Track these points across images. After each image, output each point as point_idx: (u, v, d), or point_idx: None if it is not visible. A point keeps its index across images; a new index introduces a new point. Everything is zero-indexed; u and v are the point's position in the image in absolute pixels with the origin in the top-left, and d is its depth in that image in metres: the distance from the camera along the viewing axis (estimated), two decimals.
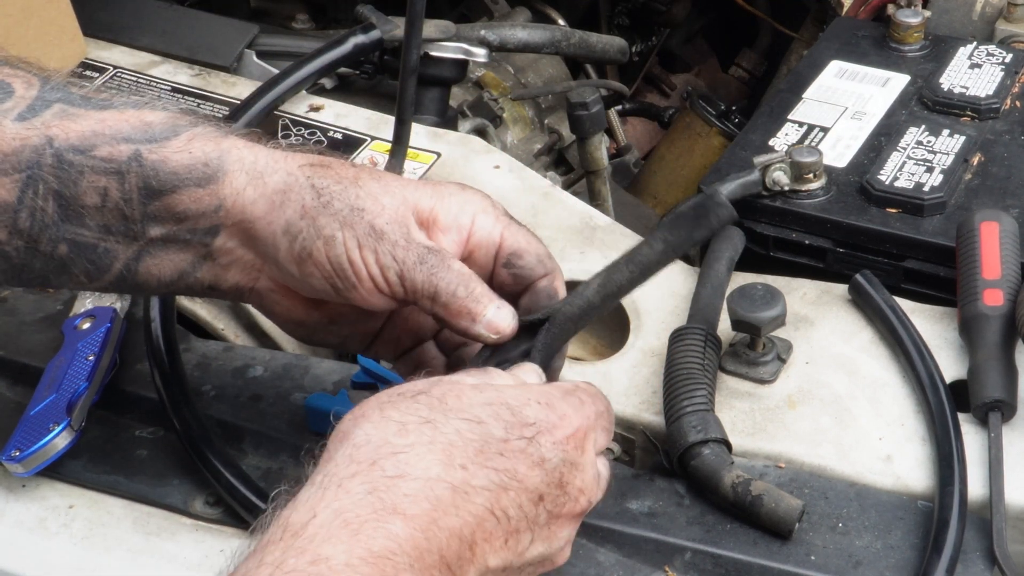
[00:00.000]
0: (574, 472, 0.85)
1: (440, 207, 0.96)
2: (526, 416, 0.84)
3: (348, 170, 0.96)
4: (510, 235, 0.98)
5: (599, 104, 1.63)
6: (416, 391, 0.83)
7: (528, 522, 0.83)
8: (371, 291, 0.93)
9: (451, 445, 0.80)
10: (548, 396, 0.87)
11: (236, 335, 1.41)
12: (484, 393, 0.84)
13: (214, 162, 0.94)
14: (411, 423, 0.80)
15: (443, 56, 1.58)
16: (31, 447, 1.09)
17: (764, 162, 1.35)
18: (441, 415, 0.81)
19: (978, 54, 1.57)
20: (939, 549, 1.00)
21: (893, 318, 1.21)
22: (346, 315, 1.00)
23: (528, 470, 0.82)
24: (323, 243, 0.92)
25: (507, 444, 0.82)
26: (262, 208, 0.94)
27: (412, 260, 0.93)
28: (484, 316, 0.94)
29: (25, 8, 1.49)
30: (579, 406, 0.88)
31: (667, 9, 2.32)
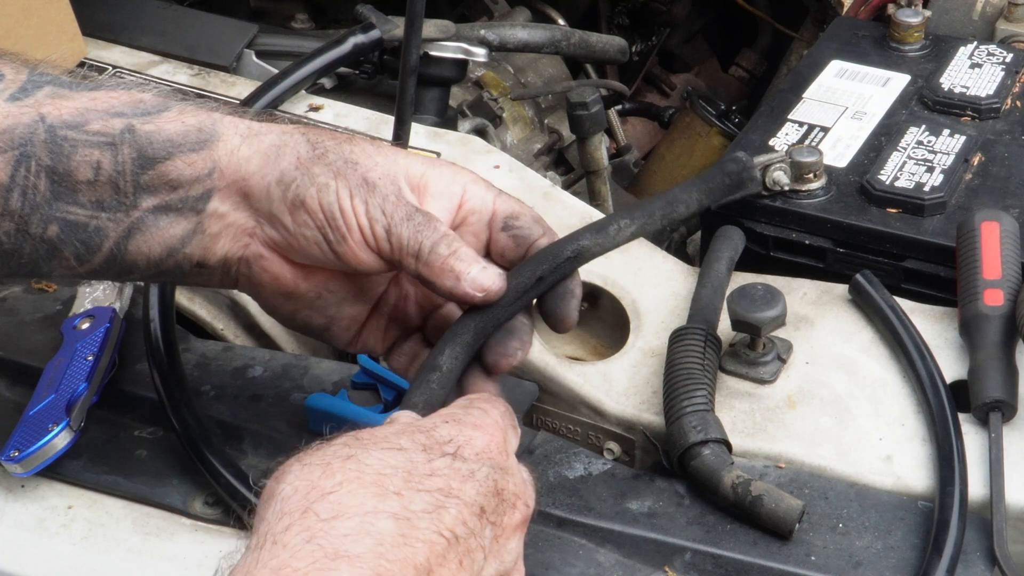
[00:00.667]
0: (506, 478, 0.83)
1: (431, 174, 0.97)
2: (441, 436, 0.82)
3: (341, 134, 0.98)
4: (502, 202, 0.99)
5: (599, 104, 1.63)
6: (331, 440, 0.81)
7: (477, 539, 0.79)
8: (359, 244, 0.93)
9: (379, 475, 0.77)
10: (451, 415, 0.85)
11: (236, 335, 1.41)
12: (394, 426, 0.83)
13: (208, 127, 0.94)
14: (335, 463, 0.77)
15: (443, 56, 1.58)
16: (30, 447, 1.09)
17: (764, 162, 1.35)
18: (361, 450, 0.78)
19: (978, 54, 1.57)
20: (939, 549, 1.00)
21: (893, 318, 1.21)
22: (334, 290, 0.99)
23: (461, 484, 0.79)
24: (317, 190, 0.92)
25: (432, 464, 0.79)
26: (256, 163, 0.94)
27: (400, 216, 0.92)
28: (468, 274, 0.93)
29: (25, 8, 1.49)
30: (484, 415, 0.86)
31: (667, 9, 2.32)
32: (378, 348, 1.05)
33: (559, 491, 1.09)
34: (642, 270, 1.32)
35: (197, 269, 0.97)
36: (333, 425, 1.12)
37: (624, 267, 1.32)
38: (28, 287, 1.33)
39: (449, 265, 0.93)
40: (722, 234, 1.32)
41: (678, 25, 2.36)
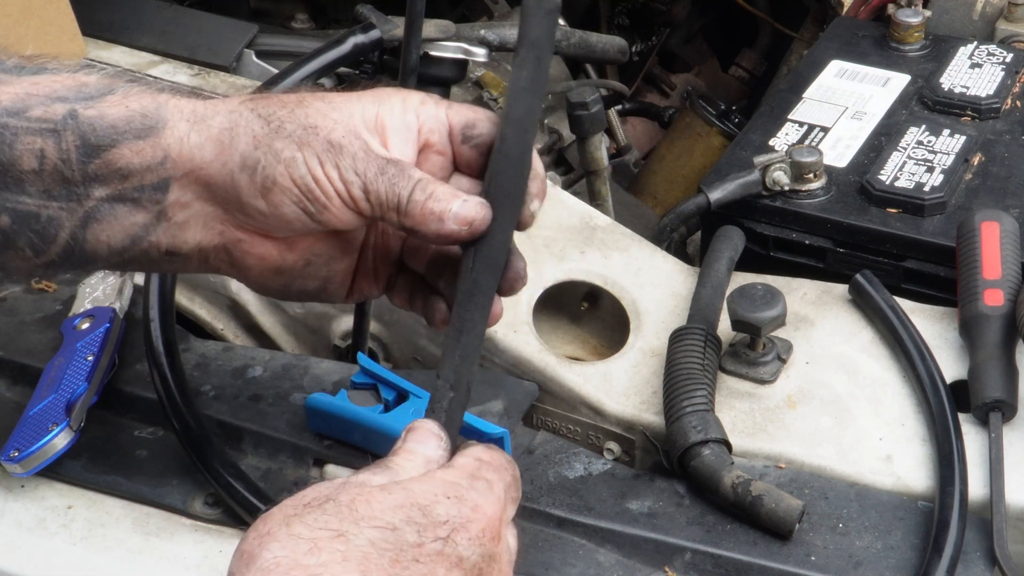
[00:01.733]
0: (492, 564, 0.81)
1: (383, 111, 0.94)
2: (438, 515, 0.79)
3: (289, 96, 0.94)
4: (455, 112, 0.96)
5: (599, 104, 1.63)
6: (323, 498, 0.78)
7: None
8: (340, 208, 0.91)
9: (366, 558, 0.75)
10: (456, 488, 0.82)
11: (236, 335, 1.41)
12: (393, 495, 0.80)
13: (152, 112, 0.91)
14: (322, 539, 0.75)
15: (443, 56, 1.58)
16: (30, 447, 1.09)
17: (764, 162, 1.35)
18: (352, 525, 0.76)
19: (979, 54, 1.57)
20: (939, 549, 1.00)
21: (893, 318, 1.21)
22: (320, 252, 0.97)
23: (446, 572, 0.78)
24: (284, 167, 0.90)
25: (422, 548, 0.77)
26: (211, 151, 0.91)
27: (373, 172, 0.90)
28: (450, 211, 0.90)
29: (25, 8, 1.49)
30: (488, 490, 0.83)
31: (667, 9, 2.32)
32: (375, 292, 1.03)
33: (559, 491, 1.09)
34: (642, 270, 1.32)
35: (168, 257, 0.94)
36: (333, 433, 1.12)
37: (624, 267, 1.32)
38: (28, 287, 1.33)
39: (428, 209, 0.90)
40: (722, 234, 1.32)
41: (678, 25, 2.36)
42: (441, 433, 0.87)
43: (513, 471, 0.87)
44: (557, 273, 1.31)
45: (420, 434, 0.86)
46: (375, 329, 1.35)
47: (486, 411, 1.17)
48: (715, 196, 1.35)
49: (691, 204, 1.37)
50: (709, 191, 1.35)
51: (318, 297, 1.00)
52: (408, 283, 1.02)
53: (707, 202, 1.36)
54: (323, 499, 0.78)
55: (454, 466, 0.85)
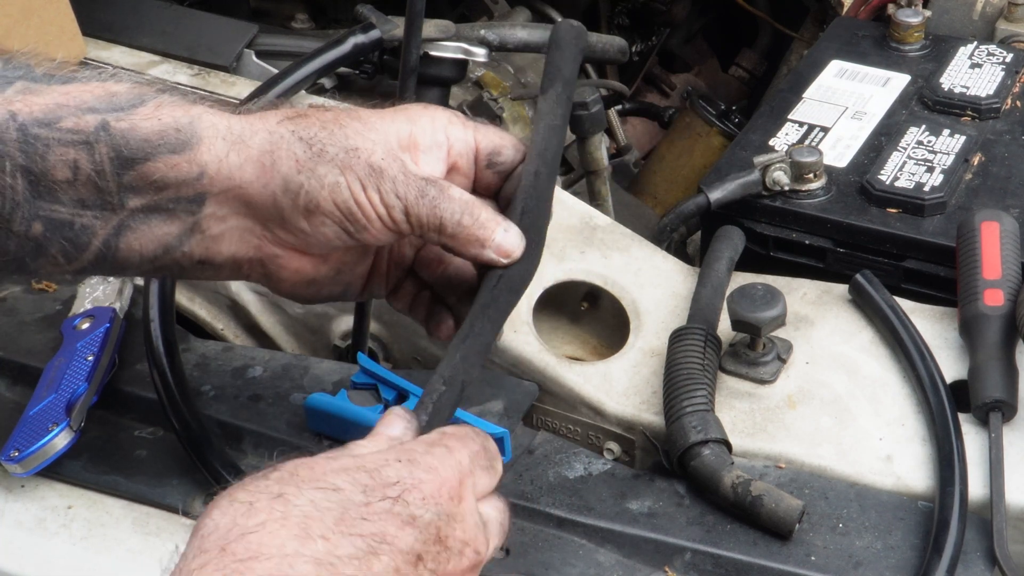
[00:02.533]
0: (453, 524, 0.80)
1: (416, 131, 0.97)
2: (386, 477, 0.78)
3: (326, 114, 0.96)
4: (482, 136, 1.00)
5: (599, 104, 1.63)
6: (269, 470, 0.78)
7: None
8: (380, 229, 0.94)
9: (307, 517, 0.74)
10: (409, 453, 0.81)
11: (236, 335, 1.41)
12: (338, 460, 0.79)
13: (186, 127, 0.92)
14: (260, 501, 0.75)
15: (443, 56, 1.58)
16: (30, 447, 1.09)
17: (764, 162, 1.35)
18: (293, 488, 0.76)
19: (979, 54, 1.57)
20: (939, 549, 1.00)
21: (893, 318, 1.21)
22: (348, 261, 1.01)
23: (398, 530, 0.76)
24: (328, 191, 0.92)
25: (369, 507, 0.76)
26: (251, 172, 0.93)
27: (414, 195, 0.93)
28: (493, 240, 0.95)
29: (25, 8, 1.49)
30: (446, 455, 0.82)
31: (667, 9, 2.32)
32: (382, 292, 1.05)
33: (559, 491, 1.09)
34: (642, 270, 1.32)
35: (199, 266, 0.96)
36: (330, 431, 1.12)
37: (624, 267, 1.32)
38: (28, 287, 1.33)
39: (473, 235, 0.94)
40: (722, 234, 1.32)
41: (678, 25, 2.36)
42: (409, 417, 0.87)
43: (482, 441, 0.86)
44: (557, 273, 1.31)
45: (388, 418, 0.87)
46: (375, 329, 1.35)
47: (486, 411, 1.17)
48: (715, 196, 1.35)
49: (691, 204, 1.37)
50: (709, 191, 1.35)
51: (337, 298, 1.04)
52: (413, 289, 1.05)
53: (707, 202, 1.36)
54: (269, 471, 0.78)
55: (414, 440, 0.84)
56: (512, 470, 1.11)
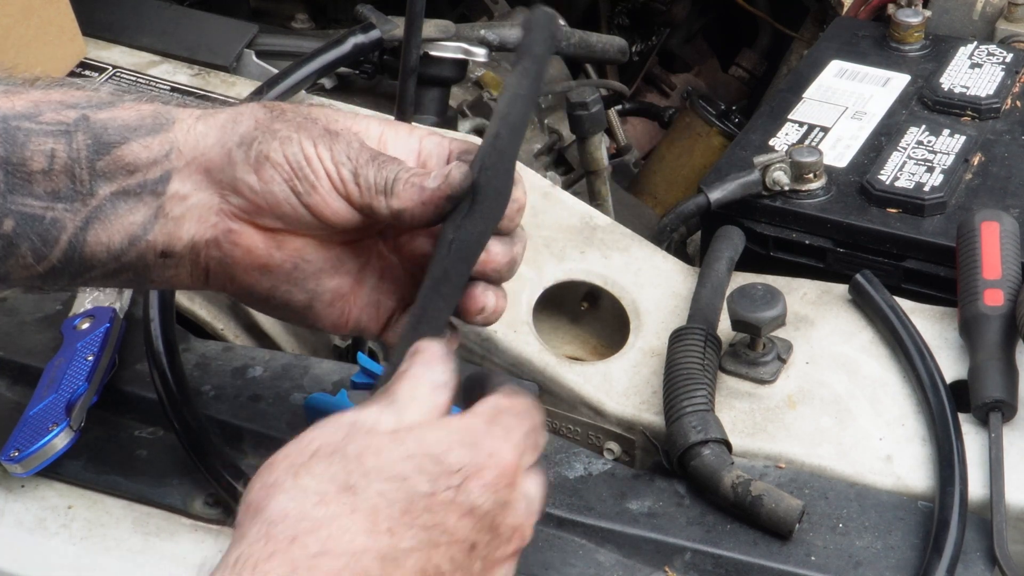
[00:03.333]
0: (506, 512, 0.80)
1: (388, 132, 0.96)
2: (451, 464, 0.77)
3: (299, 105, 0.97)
4: (457, 143, 0.97)
5: (599, 104, 1.63)
6: (331, 449, 0.77)
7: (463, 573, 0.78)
8: (329, 191, 0.91)
9: (375, 510, 0.75)
10: (472, 433, 0.80)
11: (236, 335, 1.41)
12: (404, 445, 0.78)
13: (163, 113, 0.93)
14: (330, 492, 0.75)
15: (443, 56, 1.58)
16: (30, 447, 1.09)
17: (764, 162, 1.35)
18: (362, 478, 0.75)
19: (978, 54, 1.57)
20: (939, 549, 1.00)
21: (893, 318, 1.21)
22: (310, 259, 0.95)
23: (458, 520, 0.77)
24: (279, 143, 0.91)
25: (434, 498, 0.76)
26: (214, 136, 0.93)
27: (365, 158, 0.92)
28: (431, 177, 0.90)
29: (25, 8, 1.49)
30: (506, 435, 0.80)
31: (667, 9, 2.32)
32: (372, 327, 1.00)
33: (559, 491, 1.09)
34: (642, 270, 1.32)
35: (162, 260, 0.94)
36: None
37: (624, 267, 1.32)
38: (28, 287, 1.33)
39: (411, 182, 0.91)
40: (722, 234, 1.32)
41: (678, 25, 2.36)
42: (445, 355, 0.84)
43: (535, 418, 0.84)
44: (557, 273, 1.31)
45: (426, 357, 0.83)
46: None
47: None
48: (715, 196, 1.35)
49: (691, 204, 1.37)
50: (709, 191, 1.35)
51: (304, 315, 0.98)
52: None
53: (707, 202, 1.36)
54: (331, 450, 0.77)
55: (472, 412, 0.82)
56: None
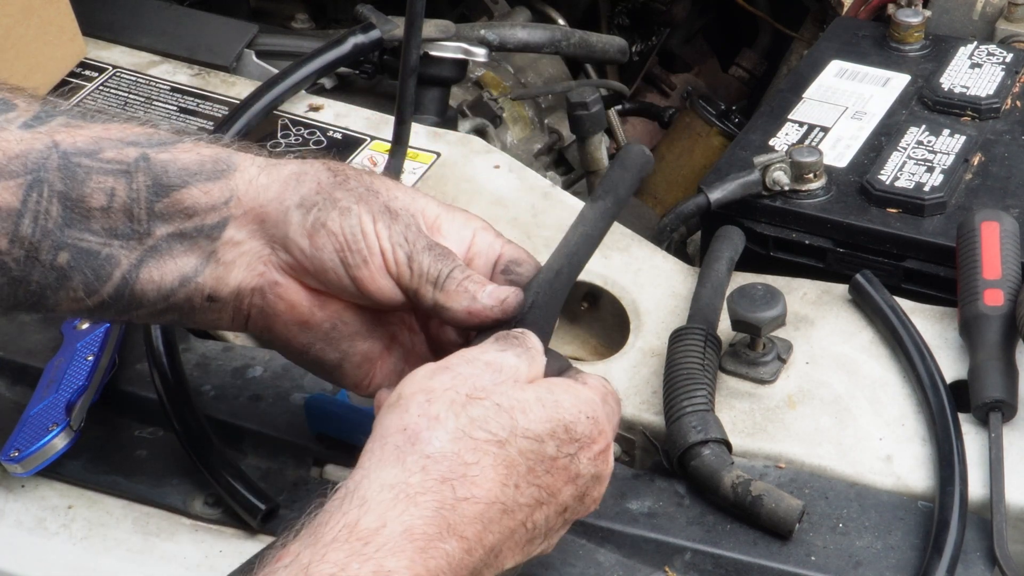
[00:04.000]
0: (597, 484, 0.90)
1: (445, 216, 0.98)
2: (575, 433, 0.87)
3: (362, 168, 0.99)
4: (510, 249, 1.00)
5: (599, 104, 1.63)
6: (484, 393, 0.85)
7: (547, 530, 0.88)
8: (379, 269, 0.93)
9: (513, 465, 0.84)
10: (593, 407, 0.89)
11: (236, 335, 1.41)
12: (546, 409, 0.87)
13: (224, 159, 0.95)
14: (483, 442, 0.83)
15: (443, 56, 1.58)
16: (30, 447, 1.09)
17: (764, 162, 1.35)
18: (511, 434, 0.84)
19: (978, 54, 1.57)
20: (939, 549, 1.00)
21: (893, 318, 1.21)
22: (348, 321, 0.98)
23: (564, 485, 0.87)
24: (338, 213, 0.93)
25: (556, 462, 0.86)
26: (275, 191, 0.94)
27: (421, 244, 0.94)
28: (484, 290, 0.94)
29: (25, 8, 1.49)
30: (612, 416, 0.91)
31: (667, 9, 2.32)
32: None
33: None
34: (642, 270, 1.32)
35: (208, 303, 0.96)
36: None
37: (624, 267, 1.32)
38: None
39: (464, 287, 0.94)
40: (722, 234, 1.32)
41: (678, 25, 2.36)
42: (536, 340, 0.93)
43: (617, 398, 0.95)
44: None
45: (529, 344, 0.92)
46: None
47: None
48: (715, 196, 1.35)
49: (691, 204, 1.37)
50: (709, 191, 1.35)
51: (332, 373, 1.01)
52: None
53: (707, 202, 1.36)
54: (484, 394, 0.85)
55: (588, 384, 0.92)
56: None
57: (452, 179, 1.42)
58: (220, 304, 0.96)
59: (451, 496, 0.81)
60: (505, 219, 1.36)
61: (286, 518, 1.07)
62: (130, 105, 1.54)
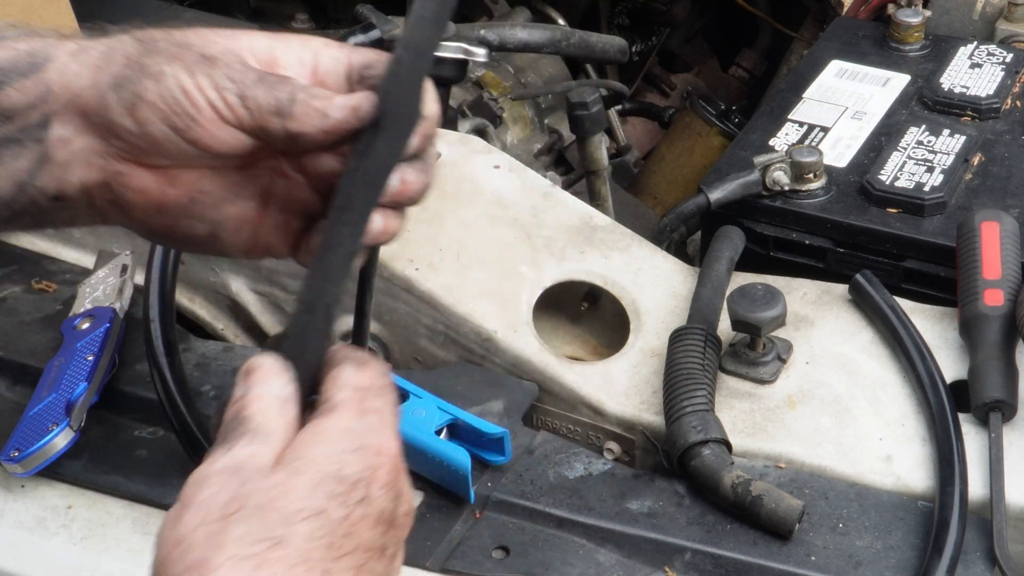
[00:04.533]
0: (400, 503, 0.79)
1: (278, 47, 0.89)
2: (350, 476, 0.76)
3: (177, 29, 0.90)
4: (358, 55, 0.90)
5: (599, 104, 1.63)
6: (236, 504, 0.74)
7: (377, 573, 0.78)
8: (213, 121, 0.85)
9: (308, 555, 0.73)
10: (353, 435, 0.77)
11: (236, 335, 1.41)
12: (304, 475, 0.75)
13: (40, 52, 0.88)
14: (261, 553, 0.72)
15: (443, 56, 1.57)
16: (30, 447, 1.09)
17: (764, 162, 1.35)
18: (284, 526, 0.73)
19: (978, 54, 1.57)
20: (939, 549, 1.00)
21: (893, 318, 1.21)
22: (207, 190, 0.90)
23: (371, 532, 0.76)
24: (152, 82, 0.85)
25: (349, 520, 0.75)
26: (88, 77, 0.87)
27: (251, 79, 0.85)
28: (334, 101, 0.85)
29: (25, 8, 1.49)
30: (382, 424, 0.79)
31: (667, 9, 2.32)
32: (282, 248, 0.94)
33: (559, 491, 1.09)
34: (642, 270, 1.32)
35: (55, 203, 0.89)
36: None
37: (624, 267, 1.32)
38: (28, 287, 1.33)
39: (311, 107, 0.85)
40: (722, 234, 1.32)
41: (678, 25, 2.36)
42: (280, 367, 0.81)
43: (392, 386, 0.82)
44: (557, 273, 1.31)
45: (260, 375, 0.80)
46: (375, 329, 1.35)
47: (486, 411, 1.17)
48: (715, 196, 1.35)
49: (691, 204, 1.37)
50: (709, 191, 1.35)
51: (211, 246, 0.93)
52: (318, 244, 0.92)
53: (707, 202, 1.36)
54: (236, 506, 0.74)
55: (336, 408, 0.79)
56: (512, 470, 1.11)
57: (452, 179, 1.42)
58: (70, 203, 0.90)
59: None
60: (505, 219, 1.36)
61: None
62: None
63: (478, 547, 1.05)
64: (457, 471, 1.06)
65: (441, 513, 1.08)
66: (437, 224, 1.34)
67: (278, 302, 1.41)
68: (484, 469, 1.11)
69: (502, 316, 1.26)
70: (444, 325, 1.28)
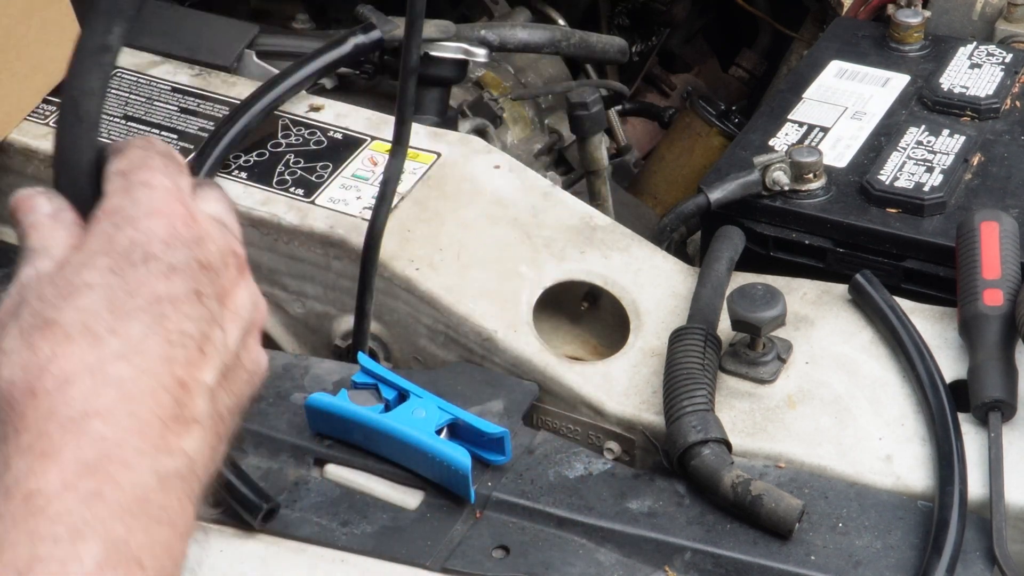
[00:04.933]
0: (204, 247, 0.74)
1: None
2: (121, 245, 0.72)
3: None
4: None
5: (599, 104, 1.63)
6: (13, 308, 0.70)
7: (207, 322, 0.74)
8: None
9: (86, 325, 0.69)
10: (118, 213, 0.73)
11: None
12: (71, 265, 0.72)
13: None
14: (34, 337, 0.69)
15: (443, 56, 1.58)
16: None
17: (764, 162, 1.35)
18: (53, 309, 0.70)
19: (978, 54, 1.57)
20: (939, 549, 1.00)
21: (893, 318, 1.21)
22: None
23: (167, 285, 0.72)
24: None
25: (129, 284, 0.71)
26: None
27: None
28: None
29: (25, 8, 1.49)
30: (150, 193, 0.74)
31: (667, 9, 2.32)
32: None
33: (559, 491, 1.09)
34: (642, 270, 1.32)
35: None
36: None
37: (624, 267, 1.32)
38: None
39: None
40: (722, 234, 1.32)
41: (678, 25, 2.36)
42: (34, 190, 0.76)
43: (155, 147, 0.77)
44: (557, 273, 1.31)
45: (22, 205, 0.76)
46: (375, 329, 1.35)
47: (486, 411, 1.17)
48: (715, 196, 1.35)
49: (691, 204, 1.38)
50: (709, 191, 1.36)
51: None
52: None
53: (707, 202, 1.36)
54: (13, 308, 0.71)
55: (104, 198, 0.75)
56: (512, 470, 1.11)
57: (452, 179, 1.42)
58: None
59: (47, 397, 0.67)
60: (505, 219, 1.36)
61: (286, 518, 1.07)
62: (131, 105, 1.54)
63: (478, 547, 1.05)
64: (457, 471, 1.06)
65: (441, 513, 1.08)
66: (437, 224, 1.34)
67: (278, 302, 1.41)
68: (484, 469, 1.11)
69: (502, 316, 1.26)
70: (444, 325, 1.28)
